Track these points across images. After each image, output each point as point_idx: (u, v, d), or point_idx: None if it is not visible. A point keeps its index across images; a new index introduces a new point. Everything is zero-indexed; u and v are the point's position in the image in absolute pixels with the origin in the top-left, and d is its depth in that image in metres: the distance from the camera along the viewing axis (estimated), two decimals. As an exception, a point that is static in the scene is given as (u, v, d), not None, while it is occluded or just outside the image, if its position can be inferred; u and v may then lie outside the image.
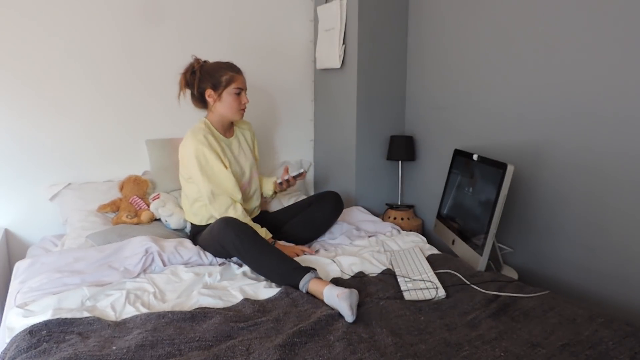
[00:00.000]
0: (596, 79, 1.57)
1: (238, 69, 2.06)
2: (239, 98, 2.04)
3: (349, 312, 1.35)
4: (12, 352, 1.23)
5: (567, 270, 1.73)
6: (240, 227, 1.74)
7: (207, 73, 2.02)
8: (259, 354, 1.19)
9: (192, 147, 1.96)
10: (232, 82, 2.01)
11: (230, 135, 2.15)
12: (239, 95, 2.04)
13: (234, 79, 2.02)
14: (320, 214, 2.14)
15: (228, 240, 1.72)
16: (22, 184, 2.36)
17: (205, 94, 2.03)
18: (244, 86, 2.06)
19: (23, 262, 1.79)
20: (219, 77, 2.00)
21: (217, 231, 1.76)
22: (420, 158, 2.53)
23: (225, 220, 1.77)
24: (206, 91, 2.02)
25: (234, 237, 1.71)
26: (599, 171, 1.59)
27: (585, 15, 1.59)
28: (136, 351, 1.20)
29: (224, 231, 1.74)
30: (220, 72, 2.01)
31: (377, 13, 2.43)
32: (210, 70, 2.02)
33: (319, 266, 1.80)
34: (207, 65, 2.05)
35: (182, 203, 2.18)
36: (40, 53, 2.30)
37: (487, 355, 1.18)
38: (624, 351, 1.16)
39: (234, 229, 1.72)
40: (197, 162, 1.95)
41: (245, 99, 2.06)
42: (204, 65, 2.05)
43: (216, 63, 2.06)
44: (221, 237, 1.75)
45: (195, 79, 2.02)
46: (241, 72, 2.06)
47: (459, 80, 2.20)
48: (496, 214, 1.67)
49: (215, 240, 1.79)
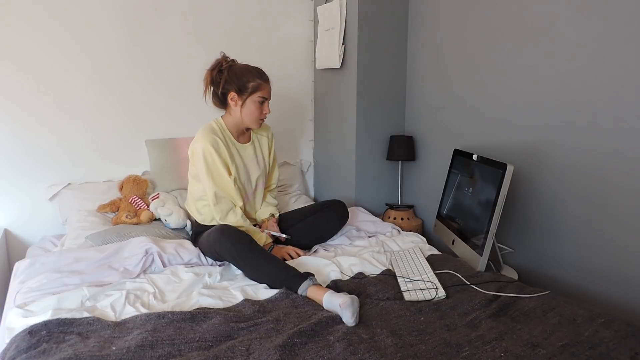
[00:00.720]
0: (596, 79, 1.57)
1: (266, 78, 2.00)
2: (261, 107, 1.99)
3: (352, 321, 1.35)
4: (11, 352, 1.23)
5: (567, 270, 1.73)
6: (236, 235, 1.73)
7: (234, 75, 1.95)
8: (259, 354, 1.19)
9: (201, 146, 1.93)
10: (258, 91, 1.96)
11: (244, 141, 2.10)
12: (262, 104, 1.98)
13: (261, 88, 1.96)
14: (325, 222, 2.11)
15: (224, 249, 1.72)
16: (22, 184, 2.36)
17: (229, 96, 1.97)
18: (269, 96, 2.00)
19: (23, 262, 1.79)
20: (246, 82, 1.94)
21: (214, 240, 1.75)
22: (420, 158, 2.53)
23: (222, 228, 1.76)
24: (230, 93, 1.96)
25: (230, 246, 1.70)
26: (598, 171, 1.59)
27: (585, 15, 1.59)
28: (136, 351, 1.20)
29: (220, 240, 1.73)
30: (248, 77, 1.95)
31: (377, 13, 2.43)
32: (239, 73, 1.96)
33: (319, 267, 1.80)
34: (236, 66, 1.99)
35: (187, 200, 2.15)
36: (40, 53, 2.30)
37: (487, 356, 1.18)
38: (624, 351, 1.16)
39: (230, 238, 1.72)
40: (204, 162, 1.93)
41: (267, 110, 2.01)
42: (232, 66, 1.98)
43: (245, 66, 2.00)
44: (218, 245, 1.74)
45: (222, 78, 1.96)
46: (269, 81, 2.00)
47: (459, 81, 2.20)
48: (496, 214, 1.67)
49: (213, 248, 1.79)
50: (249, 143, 2.10)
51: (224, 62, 1.99)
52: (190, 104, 2.58)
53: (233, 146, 2.04)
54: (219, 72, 1.97)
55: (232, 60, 2.02)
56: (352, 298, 1.40)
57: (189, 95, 2.57)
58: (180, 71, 2.59)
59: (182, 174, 2.48)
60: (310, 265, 1.82)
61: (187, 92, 2.59)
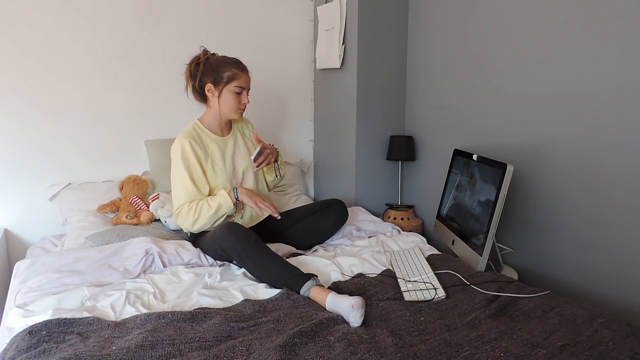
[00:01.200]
0: (596, 79, 1.57)
1: (243, 67, 1.99)
2: (239, 97, 1.98)
3: (360, 321, 1.36)
4: (12, 352, 1.23)
5: (567, 270, 1.73)
6: (242, 232, 1.73)
7: (210, 67, 1.96)
8: (259, 354, 1.19)
9: (174, 150, 1.95)
10: (234, 80, 1.95)
11: (227, 133, 2.09)
12: (239, 94, 1.98)
13: (237, 77, 1.96)
14: (324, 222, 2.10)
15: (230, 245, 1.72)
16: (22, 184, 2.36)
17: (205, 88, 1.98)
18: (247, 86, 2.00)
19: (23, 262, 1.79)
20: (222, 72, 1.95)
21: (220, 236, 1.76)
22: (420, 158, 2.53)
23: (228, 225, 1.76)
24: (206, 85, 1.97)
25: (236, 242, 1.70)
26: (598, 171, 1.59)
27: (584, 15, 1.59)
28: (136, 351, 1.20)
29: (226, 236, 1.73)
30: (224, 68, 1.95)
31: (377, 13, 2.43)
32: (214, 64, 1.96)
33: (319, 268, 1.80)
34: (213, 58, 1.99)
35: None
36: (40, 53, 2.30)
37: (487, 356, 1.18)
38: (624, 351, 1.16)
39: (236, 235, 1.72)
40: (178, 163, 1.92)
41: (245, 99, 2.00)
42: (209, 58, 1.99)
43: (222, 58, 2.00)
44: (223, 241, 1.74)
45: (199, 70, 1.97)
46: (246, 70, 2.00)
47: (458, 80, 2.20)
48: (496, 214, 1.67)
49: (217, 244, 1.79)
50: (230, 135, 2.09)
51: (202, 55, 2.00)
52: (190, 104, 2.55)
53: (213, 142, 2.01)
54: (197, 65, 1.98)
55: (211, 54, 2.02)
56: (361, 299, 1.40)
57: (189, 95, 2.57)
58: (180, 71, 2.55)
59: (182, 174, 2.48)
60: (310, 265, 1.82)
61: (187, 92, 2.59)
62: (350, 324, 1.36)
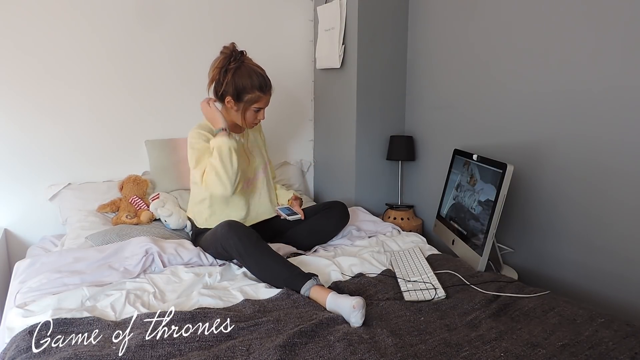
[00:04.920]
0: (596, 79, 1.57)
1: (268, 89, 1.95)
2: (256, 115, 1.99)
3: (361, 321, 1.36)
4: (12, 352, 1.23)
5: (567, 270, 1.73)
6: (243, 231, 1.74)
7: (235, 82, 1.91)
8: (259, 354, 1.19)
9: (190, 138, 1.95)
10: (255, 103, 1.95)
11: (239, 131, 2.09)
12: (257, 112, 1.98)
13: (259, 100, 1.94)
14: (325, 224, 2.11)
15: (231, 243, 1.72)
16: (22, 184, 2.36)
17: (226, 99, 1.95)
18: (266, 105, 1.99)
19: (23, 262, 1.79)
20: (245, 92, 1.91)
21: (221, 233, 1.76)
22: (420, 158, 2.53)
23: (229, 223, 1.77)
24: (227, 97, 1.94)
25: (237, 240, 1.71)
26: (598, 171, 1.59)
27: (584, 15, 1.59)
28: (136, 351, 1.20)
29: (228, 234, 1.73)
30: (248, 88, 1.91)
31: (377, 13, 2.43)
32: (241, 79, 1.90)
33: (319, 268, 1.80)
34: (242, 68, 1.92)
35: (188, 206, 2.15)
36: (40, 53, 2.30)
37: (487, 356, 1.18)
38: (624, 351, 1.16)
39: (237, 233, 1.72)
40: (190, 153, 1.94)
41: (262, 117, 2.01)
42: (239, 67, 1.92)
43: (251, 71, 1.92)
44: (224, 239, 1.75)
45: (225, 80, 1.91)
46: (270, 91, 1.97)
47: (458, 80, 2.20)
48: (496, 214, 1.67)
49: (218, 242, 1.79)
50: (242, 133, 2.10)
51: (232, 62, 1.92)
52: (190, 104, 2.58)
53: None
54: (225, 72, 1.93)
55: (242, 61, 1.94)
56: (362, 299, 1.40)
57: (189, 95, 2.58)
58: (180, 71, 2.59)
59: (182, 174, 2.49)
60: (310, 265, 1.82)
61: (187, 92, 2.59)
62: (351, 324, 1.36)
